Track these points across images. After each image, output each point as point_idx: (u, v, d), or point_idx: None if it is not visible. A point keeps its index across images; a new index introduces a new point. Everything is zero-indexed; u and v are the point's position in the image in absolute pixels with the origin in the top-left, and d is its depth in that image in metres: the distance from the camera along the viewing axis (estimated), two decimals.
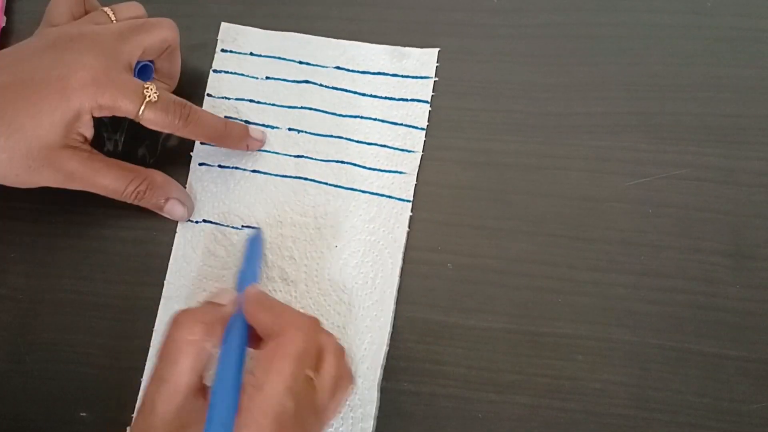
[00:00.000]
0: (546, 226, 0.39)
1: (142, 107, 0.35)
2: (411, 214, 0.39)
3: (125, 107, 0.35)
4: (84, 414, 0.37)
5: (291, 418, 0.29)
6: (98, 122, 0.37)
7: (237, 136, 0.40)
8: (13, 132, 0.34)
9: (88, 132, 0.36)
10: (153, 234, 0.41)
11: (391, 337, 0.38)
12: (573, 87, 0.41)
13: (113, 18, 0.39)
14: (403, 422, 0.37)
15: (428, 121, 0.41)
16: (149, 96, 0.36)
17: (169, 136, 0.42)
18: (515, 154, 0.40)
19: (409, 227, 0.39)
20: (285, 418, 0.28)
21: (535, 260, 0.38)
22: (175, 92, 0.41)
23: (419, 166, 0.40)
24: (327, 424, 0.32)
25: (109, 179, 0.37)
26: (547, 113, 0.41)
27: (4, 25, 0.46)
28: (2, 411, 0.38)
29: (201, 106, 0.43)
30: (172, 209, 0.39)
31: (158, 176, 0.39)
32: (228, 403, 0.29)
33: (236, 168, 0.41)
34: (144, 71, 0.39)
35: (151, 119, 0.36)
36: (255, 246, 0.38)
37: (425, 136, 0.41)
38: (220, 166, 0.42)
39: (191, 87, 0.43)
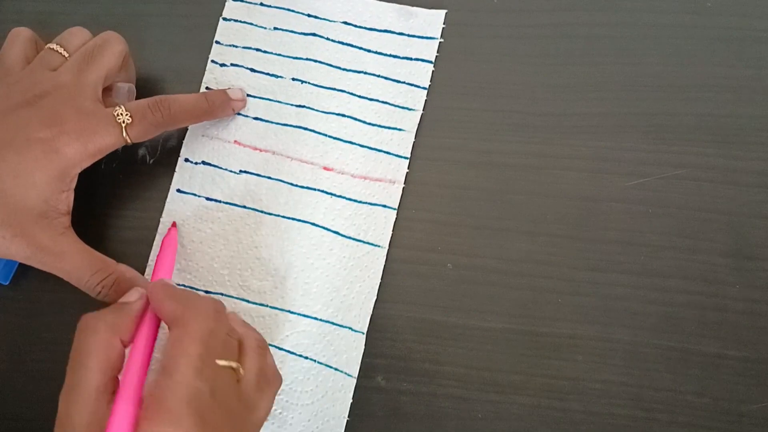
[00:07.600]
0: (546, 226, 0.39)
1: (124, 133, 0.35)
2: (409, 215, 0.40)
3: (109, 143, 0.35)
4: None
5: (209, 402, 0.27)
6: None
7: (221, 103, 0.40)
8: None
9: (70, 199, 0.35)
10: (154, 234, 0.41)
11: (391, 337, 0.38)
12: (573, 87, 0.41)
13: (64, 53, 0.37)
14: (403, 422, 0.37)
15: (428, 123, 0.41)
16: (122, 120, 0.35)
17: (169, 136, 0.42)
18: (515, 154, 0.40)
19: (409, 227, 0.39)
20: (202, 402, 0.27)
21: (535, 260, 0.38)
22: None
23: (413, 169, 0.40)
24: (261, 421, 0.31)
25: (71, 265, 0.34)
26: (547, 113, 0.41)
27: None
28: (2, 411, 0.38)
29: (208, 54, 0.43)
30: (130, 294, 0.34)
31: (127, 272, 0.36)
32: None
33: (238, 114, 0.42)
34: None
35: (140, 135, 0.36)
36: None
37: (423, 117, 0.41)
38: None
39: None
